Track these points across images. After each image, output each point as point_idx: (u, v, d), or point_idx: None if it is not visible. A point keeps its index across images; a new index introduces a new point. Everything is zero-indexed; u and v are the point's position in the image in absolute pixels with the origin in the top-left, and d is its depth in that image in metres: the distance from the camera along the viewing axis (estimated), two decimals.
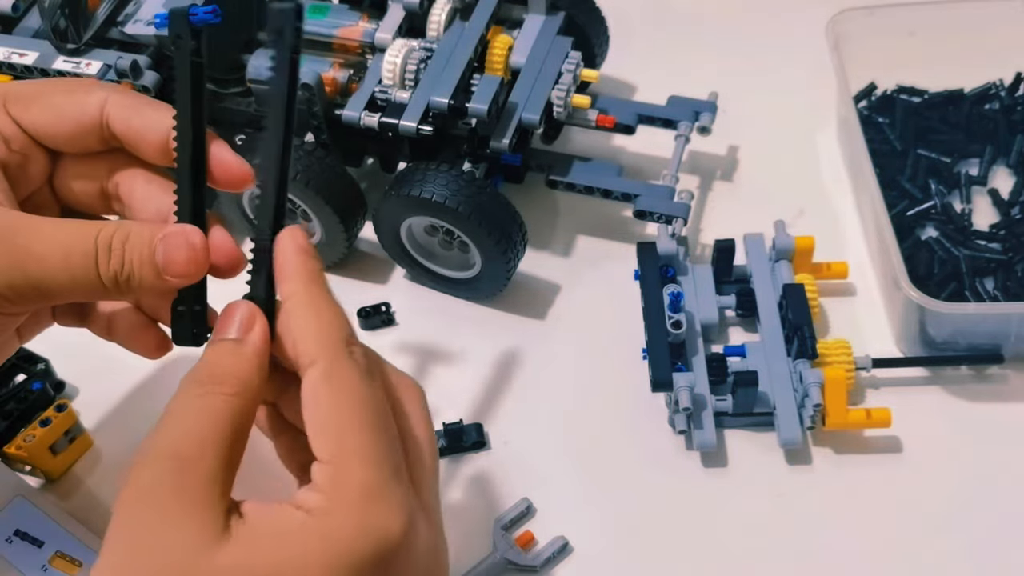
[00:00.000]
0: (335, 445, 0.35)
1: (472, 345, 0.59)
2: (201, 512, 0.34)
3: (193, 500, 0.34)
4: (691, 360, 0.55)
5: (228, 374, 0.36)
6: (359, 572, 0.34)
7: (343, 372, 0.36)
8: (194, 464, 0.34)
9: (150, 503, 0.34)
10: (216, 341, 0.37)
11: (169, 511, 0.34)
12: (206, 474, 0.34)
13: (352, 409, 0.35)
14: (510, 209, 0.56)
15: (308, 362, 0.36)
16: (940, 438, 0.54)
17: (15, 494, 0.50)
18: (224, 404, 0.35)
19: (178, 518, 0.34)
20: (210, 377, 0.36)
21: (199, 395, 0.36)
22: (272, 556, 0.33)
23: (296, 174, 0.56)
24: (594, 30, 0.66)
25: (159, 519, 0.34)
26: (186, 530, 0.33)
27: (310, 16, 0.61)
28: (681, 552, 0.51)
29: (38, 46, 0.58)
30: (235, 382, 0.36)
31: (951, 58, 0.66)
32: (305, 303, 0.37)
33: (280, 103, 0.38)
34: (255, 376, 0.37)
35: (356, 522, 0.34)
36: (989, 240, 0.60)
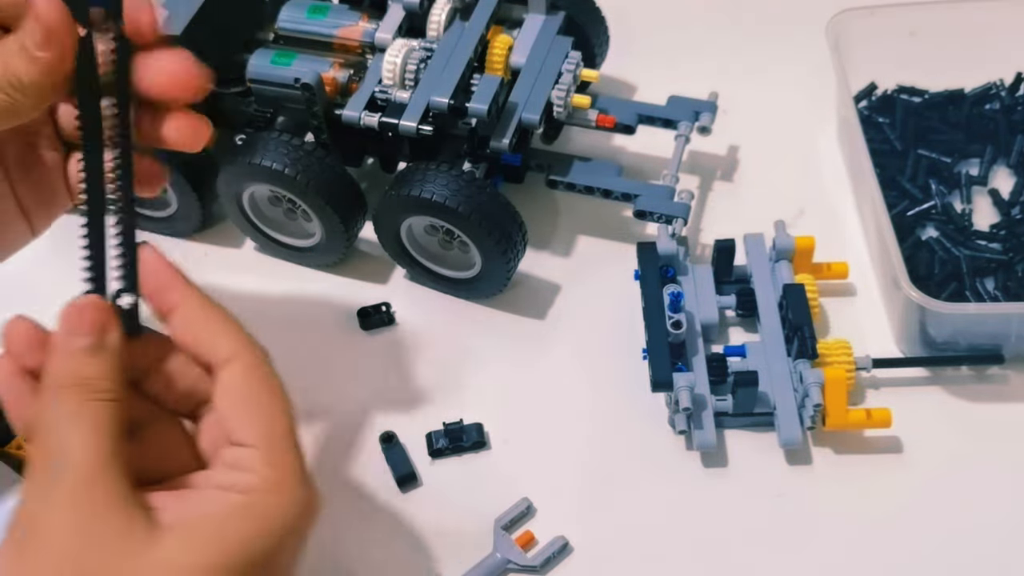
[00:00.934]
0: (266, 430, 0.37)
1: (472, 345, 0.59)
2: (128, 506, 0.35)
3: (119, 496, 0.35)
4: (691, 360, 0.55)
5: (97, 378, 0.37)
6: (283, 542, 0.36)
7: (261, 364, 0.38)
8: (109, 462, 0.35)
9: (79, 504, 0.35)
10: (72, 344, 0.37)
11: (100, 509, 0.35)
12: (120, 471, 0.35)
13: (274, 397, 0.38)
14: (510, 209, 0.56)
15: (225, 357, 0.38)
16: (940, 438, 0.54)
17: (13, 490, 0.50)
18: (107, 408, 0.36)
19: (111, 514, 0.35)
20: (82, 383, 0.37)
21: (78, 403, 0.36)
22: (217, 541, 0.35)
23: (296, 174, 0.56)
24: (594, 30, 0.66)
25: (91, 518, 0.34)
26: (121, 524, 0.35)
27: (310, 16, 0.61)
28: (681, 552, 0.51)
29: None
30: (107, 386, 0.37)
31: (951, 58, 0.66)
32: (204, 307, 0.39)
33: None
34: (120, 377, 0.37)
35: (291, 501, 0.36)
36: (989, 240, 0.60)
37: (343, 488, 0.53)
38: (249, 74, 0.59)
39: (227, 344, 0.38)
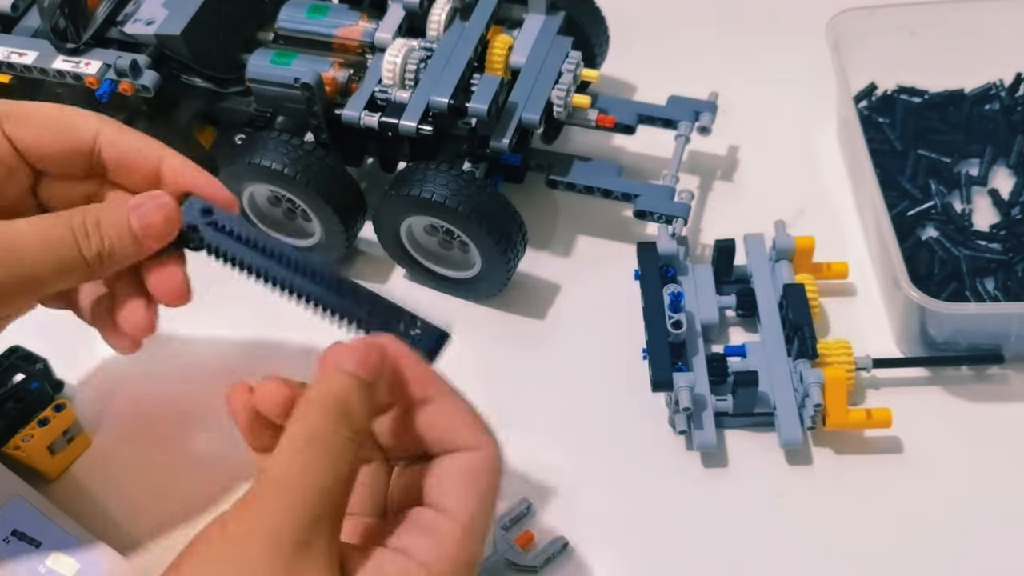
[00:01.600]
0: (470, 515, 0.36)
1: (472, 345, 0.59)
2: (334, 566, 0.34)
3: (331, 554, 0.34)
4: (691, 360, 0.55)
5: (361, 421, 0.36)
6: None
7: (496, 466, 0.38)
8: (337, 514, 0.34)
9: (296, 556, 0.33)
10: (351, 371, 0.36)
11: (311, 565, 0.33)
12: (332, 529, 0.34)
13: (491, 499, 0.38)
14: (510, 209, 0.56)
15: (467, 446, 0.37)
16: (940, 438, 0.54)
17: (13, 494, 0.50)
18: (353, 453, 0.35)
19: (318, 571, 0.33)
20: (352, 421, 0.35)
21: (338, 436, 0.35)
22: None
23: (296, 174, 0.56)
24: (594, 30, 0.66)
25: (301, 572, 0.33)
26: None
27: (310, 16, 0.61)
28: (681, 552, 0.51)
29: (38, 46, 0.58)
30: (360, 428, 0.36)
31: (951, 58, 0.66)
32: (456, 398, 0.39)
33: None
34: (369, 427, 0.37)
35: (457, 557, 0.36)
36: (989, 240, 0.60)
37: None
38: (249, 74, 0.59)
39: (472, 436, 0.38)
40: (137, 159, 0.44)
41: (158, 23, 0.57)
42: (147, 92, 0.57)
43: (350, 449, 0.35)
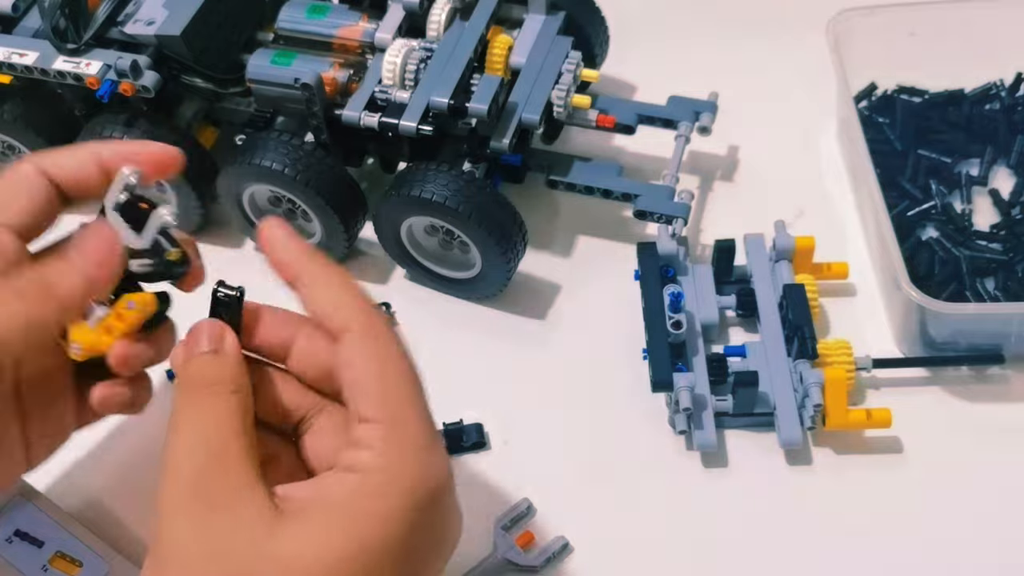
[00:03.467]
0: (384, 402, 0.36)
1: (472, 345, 0.59)
2: (251, 496, 0.34)
3: (239, 485, 0.35)
4: (691, 360, 0.55)
5: (221, 376, 0.38)
6: (420, 520, 0.35)
7: (380, 331, 0.37)
8: (227, 452, 0.35)
9: (198, 496, 0.34)
10: (192, 356, 0.39)
11: (220, 500, 0.34)
12: (242, 460, 0.35)
13: (395, 366, 0.37)
14: (510, 209, 0.56)
15: (344, 327, 0.37)
16: (940, 438, 0.54)
17: (15, 494, 0.50)
18: (229, 400, 0.37)
19: (231, 505, 0.34)
20: (205, 380, 0.38)
21: (205, 395, 0.37)
22: (335, 524, 0.34)
23: (296, 174, 0.56)
24: (594, 30, 0.66)
25: (211, 509, 0.34)
26: (242, 515, 0.34)
27: (310, 16, 0.61)
28: (681, 552, 0.51)
29: (38, 46, 0.58)
30: (230, 382, 0.38)
31: (951, 58, 0.66)
32: (324, 276, 0.39)
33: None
34: (243, 377, 0.38)
35: (414, 473, 0.35)
36: (990, 240, 0.60)
37: None
38: (249, 74, 0.59)
39: (345, 313, 0.38)
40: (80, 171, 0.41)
41: (158, 23, 0.57)
42: (147, 92, 0.57)
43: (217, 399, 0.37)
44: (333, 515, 0.34)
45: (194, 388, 0.38)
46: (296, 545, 0.34)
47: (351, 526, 0.34)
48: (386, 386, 0.36)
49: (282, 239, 0.40)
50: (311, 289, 0.39)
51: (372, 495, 0.35)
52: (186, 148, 0.58)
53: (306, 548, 0.34)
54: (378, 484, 0.35)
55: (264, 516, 0.34)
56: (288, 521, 0.34)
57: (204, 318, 0.40)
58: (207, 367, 0.38)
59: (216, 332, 0.39)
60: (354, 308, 0.38)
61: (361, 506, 0.34)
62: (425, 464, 0.36)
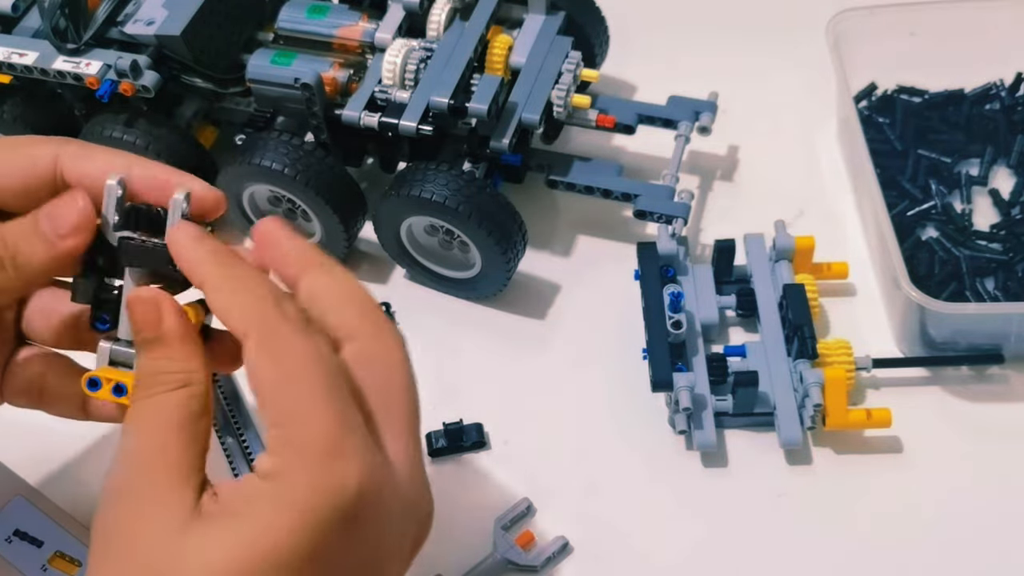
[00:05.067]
0: (281, 408, 0.34)
1: (472, 345, 0.59)
2: (169, 498, 0.34)
3: (160, 490, 0.34)
4: (691, 360, 0.55)
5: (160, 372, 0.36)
6: (322, 532, 0.33)
7: (276, 335, 0.35)
8: (156, 457, 0.35)
9: (122, 501, 0.35)
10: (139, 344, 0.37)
11: (139, 503, 0.34)
12: (169, 463, 0.35)
13: (292, 369, 0.34)
14: (510, 209, 0.56)
15: (242, 335, 0.35)
16: (940, 438, 0.54)
17: (14, 494, 0.50)
18: (167, 398, 0.36)
19: (148, 508, 0.34)
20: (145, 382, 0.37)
21: (142, 399, 0.36)
22: (239, 527, 0.33)
23: (296, 174, 0.56)
24: (594, 30, 0.66)
25: (130, 512, 0.34)
26: (157, 517, 0.34)
27: (310, 16, 0.61)
28: (681, 552, 0.51)
29: (38, 46, 0.58)
30: (170, 377, 0.36)
31: (951, 58, 0.66)
32: (218, 282, 0.36)
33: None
34: (188, 360, 0.37)
35: (309, 480, 0.33)
36: (989, 240, 0.60)
37: None
38: (249, 74, 0.59)
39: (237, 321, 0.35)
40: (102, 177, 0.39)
41: (158, 23, 0.57)
42: (147, 92, 0.57)
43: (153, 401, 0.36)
44: (240, 521, 0.33)
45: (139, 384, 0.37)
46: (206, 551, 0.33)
47: (257, 534, 0.33)
48: (284, 391, 0.34)
49: (190, 241, 0.37)
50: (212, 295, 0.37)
51: (273, 503, 0.33)
52: (186, 148, 0.59)
53: (213, 554, 0.33)
54: (278, 492, 0.33)
55: (181, 521, 0.33)
56: (202, 524, 0.33)
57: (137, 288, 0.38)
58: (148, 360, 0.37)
59: (149, 313, 0.37)
60: (251, 312, 0.35)
61: (264, 514, 0.33)
62: (328, 471, 0.33)
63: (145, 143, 0.58)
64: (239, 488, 0.34)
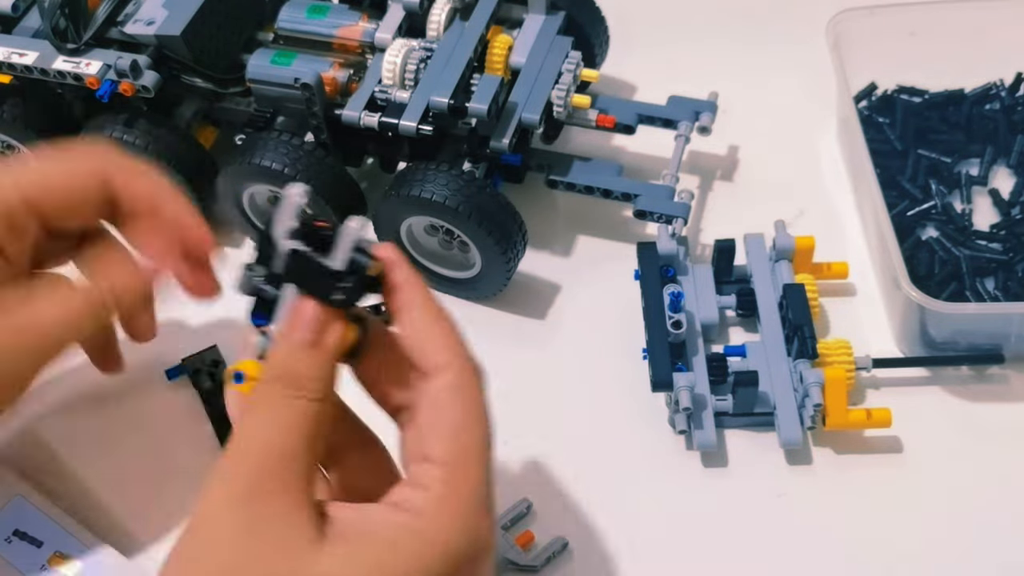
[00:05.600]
0: (455, 450, 0.36)
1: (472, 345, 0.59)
2: (300, 512, 0.34)
3: (294, 500, 0.34)
4: (691, 360, 0.55)
5: (310, 377, 0.36)
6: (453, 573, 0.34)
7: (471, 382, 0.37)
8: (292, 464, 0.34)
9: (248, 504, 0.34)
10: (289, 339, 0.36)
11: (269, 513, 0.34)
12: (302, 474, 0.35)
13: (474, 419, 0.36)
14: (510, 209, 0.56)
15: (437, 368, 0.37)
16: (940, 438, 0.54)
17: (14, 494, 0.50)
18: (309, 408, 0.35)
19: (279, 521, 0.34)
20: (294, 380, 0.36)
21: (287, 396, 0.35)
22: (375, 558, 0.34)
23: (296, 174, 0.56)
24: (594, 30, 0.66)
25: (258, 521, 0.34)
26: (287, 533, 0.33)
27: (310, 16, 0.61)
28: (681, 552, 0.51)
29: (38, 46, 0.58)
30: (318, 386, 0.36)
31: (951, 58, 0.66)
32: (431, 311, 0.38)
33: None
34: (333, 380, 0.37)
35: (461, 528, 0.35)
36: (990, 240, 0.60)
37: None
38: (249, 74, 0.59)
39: (442, 355, 0.37)
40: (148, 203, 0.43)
41: (158, 23, 0.57)
42: (147, 92, 0.57)
43: (295, 405, 0.35)
44: (375, 549, 0.34)
45: (276, 381, 0.36)
46: (334, 570, 0.33)
47: (390, 564, 0.34)
48: (462, 437, 0.36)
49: (401, 259, 0.38)
50: (416, 318, 0.37)
51: (418, 539, 0.34)
52: (186, 148, 0.59)
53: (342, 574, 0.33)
54: (426, 530, 0.34)
55: (307, 537, 0.34)
56: (329, 545, 0.34)
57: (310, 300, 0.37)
58: (295, 360, 0.36)
59: (320, 319, 0.36)
60: (456, 351, 0.37)
61: (405, 547, 0.34)
62: (474, 525, 0.35)
63: (145, 143, 0.58)
64: (372, 518, 0.35)
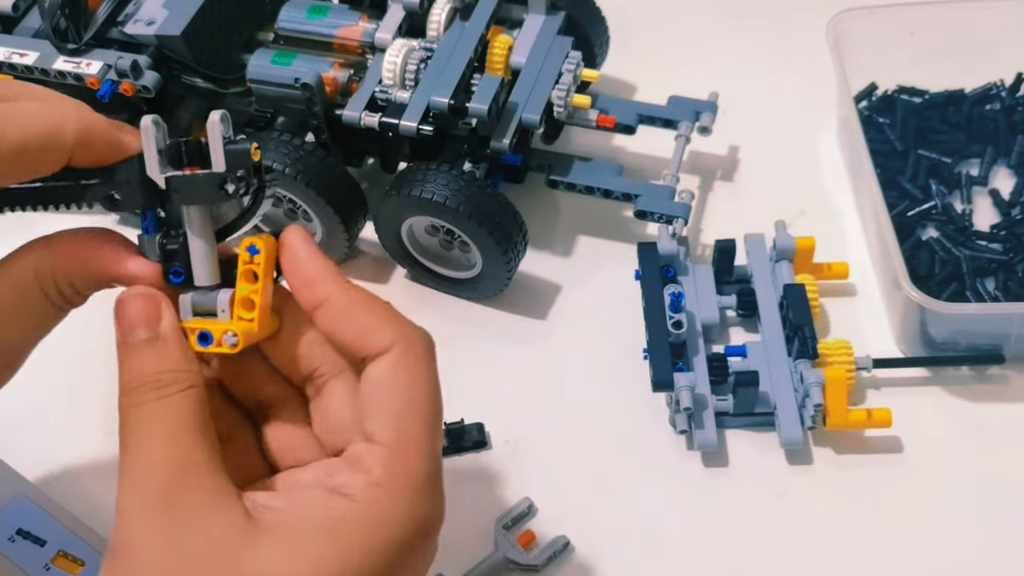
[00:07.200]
0: (397, 431, 0.34)
1: (472, 345, 0.59)
2: (224, 508, 0.33)
3: (212, 496, 0.33)
4: (692, 360, 0.55)
5: (165, 370, 0.35)
6: (397, 558, 0.33)
7: (417, 358, 0.35)
8: (193, 460, 0.33)
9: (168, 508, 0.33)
10: (129, 345, 0.35)
11: (192, 511, 0.33)
12: (210, 466, 0.33)
13: (420, 397, 0.35)
14: (510, 209, 0.56)
15: (379, 349, 0.35)
16: (940, 438, 0.54)
17: (17, 493, 0.50)
18: (182, 400, 0.34)
19: (204, 517, 0.33)
20: (155, 381, 0.34)
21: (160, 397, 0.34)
22: (315, 549, 0.33)
23: (296, 174, 0.56)
24: (594, 30, 0.66)
25: (183, 521, 0.32)
26: (216, 529, 0.32)
27: (310, 16, 0.61)
28: (682, 552, 0.51)
29: (38, 46, 0.58)
30: (179, 378, 0.35)
31: (951, 58, 0.66)
32: (356, 295, 0.36)
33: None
34: (190, 363, 0.35)
35: (404, 513, 0.34)
36: (990, 240, 0.60)
37: None
38: (249, 74, 0.59)
39: (383, 332, 0.35)
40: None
41: (158, 23, 0.57)
42: (148, 92, 0.57)
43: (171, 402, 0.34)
44: (314, 538, 0.33)
45: (139, 387, 0.34)
46: (272, 563, 0.32)
47: (332, 552, 0.32)
48: (406, 417, 0.35)
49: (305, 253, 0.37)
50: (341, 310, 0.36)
51: (359, 526, 0.33)
52: None
53: (281, 567, 0.32)
54: (367, 516, 0.33)
55: (238, 530, 0.32)
56: (264, 536, 0.33)
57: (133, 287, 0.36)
58: (147, 361, 0.35)
59: (148, 310, 0.35)
60: (398, 329, 0.36)
61: (346, 534, 0.33)
62: (418, 506, 0.34)
63: None
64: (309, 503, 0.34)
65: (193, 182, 0.36)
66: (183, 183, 0.36)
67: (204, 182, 0.35)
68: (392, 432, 0.34)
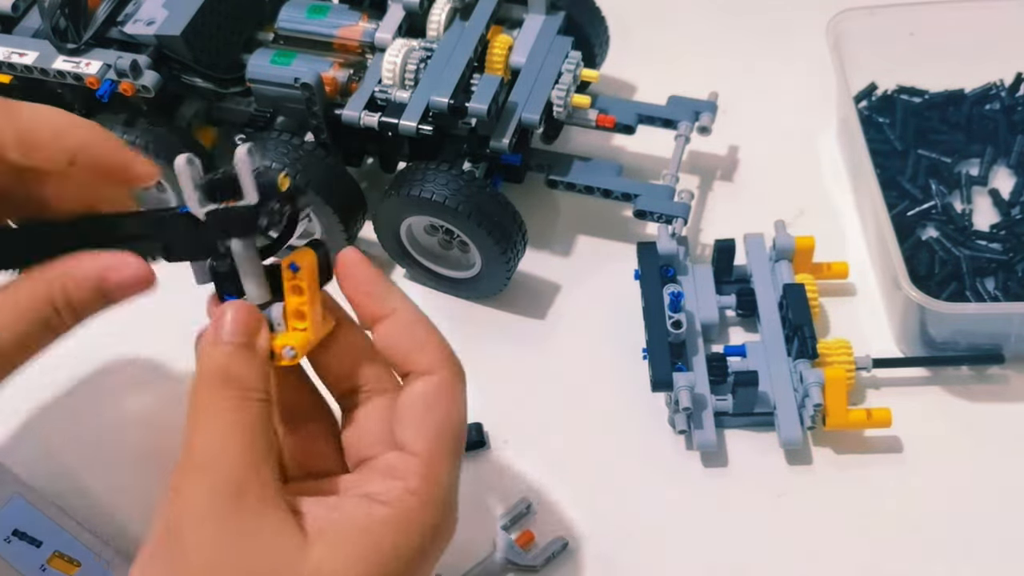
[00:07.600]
0: (434, 443, 0.37)
1: (472, 345, 0.58)
2: (278, 511, 0.34)
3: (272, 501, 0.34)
4: (691, 360, 0.55)
5: (250, 379, 0.36)
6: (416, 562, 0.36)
7: (456, 385, 0.38)
8: (263, 465, 0.35)
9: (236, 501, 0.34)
10: (222, 343, 0.36)
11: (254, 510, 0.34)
12: (271, 474, 0.35)
13: (455, 421, 0.38)
14: (510, 209, 0.56)
15: (426, 370, 0.38)
16: (940, 438, 0.54)
17: (13, 493, 0.50)
18: (261, 409, 0.36)
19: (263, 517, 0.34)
20: (240, 384, 0.36)
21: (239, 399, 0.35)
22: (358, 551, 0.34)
23: (296, 174, 0.56)
24: (594, 30, 0.66)
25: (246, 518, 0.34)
26: (273, 530, 0.34)
27: (310, 16, 0.61)
28: (681, 552, 0.51)
29: (38, 46, 0.58)
30: (263, 386, 0.36)
31: (951, 58, 0.66)
32: (415, 316, 0.39)
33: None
34: (268, 382, 0.37)
35: (429, 520, 0.36)
36: (990, 240, 0.60)
37: None
38: (249, 74, 0.59)
39: (433, 358, 0.38)
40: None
41: (158, 23, 0.57)
42: (147, 92, 0.57)
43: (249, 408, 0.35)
44: (358, 543, 0.35)
45: (221, 383, 0.36)
46: (325, 567, 0.34)
47: (374, 555, 0.35)
48: (444, 435, 0.37)
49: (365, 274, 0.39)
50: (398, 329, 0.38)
51: (396, 530, 0.35)
52: (186, 148, 0.59)
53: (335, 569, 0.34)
54: (400, 520, 0.35)
55: (292, 533, 0.34)
56: (314, 541, 0.34)
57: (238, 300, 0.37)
58: (239, 365, 0.36)
59: (250, 322, 0.37)
60: (446, 355, 0.38)
61: (387, 538, 0.35)
62: (441, 516, 0.37)
63: (145, 143, 0.58)
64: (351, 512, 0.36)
65: (231, 215, 0.37)
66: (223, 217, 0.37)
67: (241, 214, 0.37)
68: (428, 444, 0.37)
